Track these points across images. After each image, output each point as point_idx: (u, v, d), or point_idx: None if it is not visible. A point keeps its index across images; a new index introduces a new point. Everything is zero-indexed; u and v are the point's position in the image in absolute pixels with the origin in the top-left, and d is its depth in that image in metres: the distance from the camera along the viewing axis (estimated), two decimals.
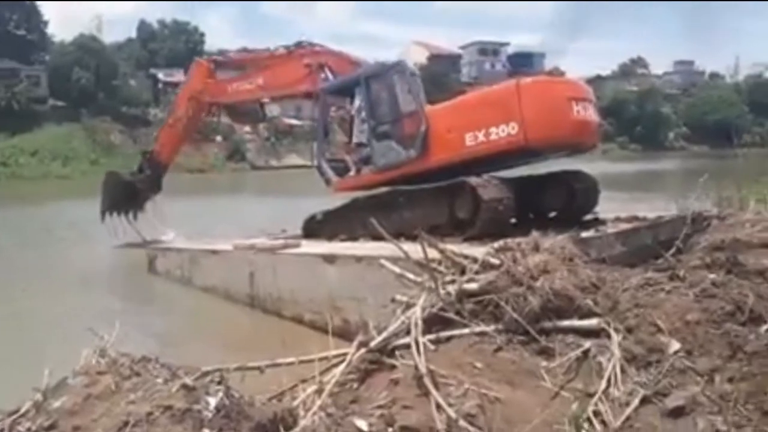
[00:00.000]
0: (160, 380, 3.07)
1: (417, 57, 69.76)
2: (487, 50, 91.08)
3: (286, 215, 13.56)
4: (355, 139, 9.93)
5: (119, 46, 74.78)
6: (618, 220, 8.44)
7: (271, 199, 28.99)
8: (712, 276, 4.38)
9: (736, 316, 3.73)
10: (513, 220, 8.16)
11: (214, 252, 10.05)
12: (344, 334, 5.19)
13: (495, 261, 4.47)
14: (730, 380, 3.33)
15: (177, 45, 74.34)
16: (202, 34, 79.54)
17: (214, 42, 79.10)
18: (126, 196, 13.98)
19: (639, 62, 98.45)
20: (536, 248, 4.29)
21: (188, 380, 3.08)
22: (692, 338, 3.65)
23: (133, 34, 78.12)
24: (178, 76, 71.74)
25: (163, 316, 9.17)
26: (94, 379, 3.26)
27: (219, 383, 3.24)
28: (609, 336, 3.83)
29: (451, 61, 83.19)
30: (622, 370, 3.57)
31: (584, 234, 7.01)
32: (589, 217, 8.77)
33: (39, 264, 13.15)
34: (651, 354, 3.63)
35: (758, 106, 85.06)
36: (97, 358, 3.50)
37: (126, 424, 2.70)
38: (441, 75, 64.38)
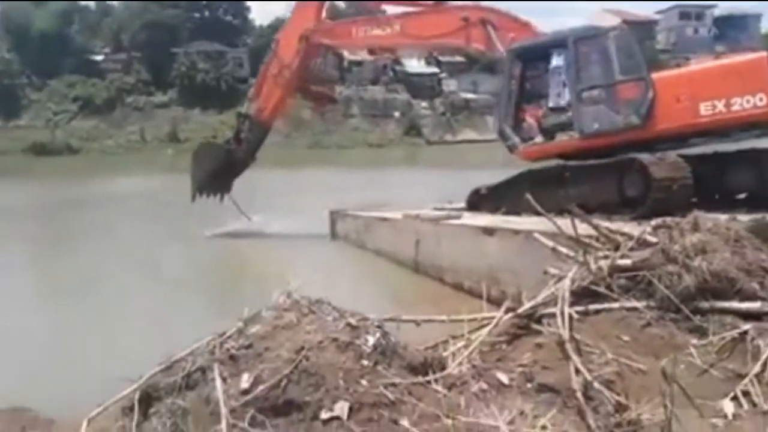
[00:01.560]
0: (330, 318, 3.67)
1: (607, 25, 65.18)
2: (690, 14, 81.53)
3: (457, 187, 13.77)
4: (551, 104, 9.33)
5: None
6: None
7: (443, 172, 29.78)
8: None
9: None
10: (694, 200, 7.66)
11: (385, 219, 10.83)
12: (501, 304, 5.44)
13: (652, 239, 4.42)
14: None
15: None
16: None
17: None
18: (223, 169, 12.23)
19: None
20: (695, 228, 4.16)
21: (353, 320, 3.65)
22: None
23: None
24: (362, 54, 75.92)
25: (338, 271, 10.18)
26: (281, 314, 3.98)
27: (378, 327, 3.77)
28: None
29: (647, 27, 76.08)
30: None
31: None
32: None
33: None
34: None
35: None
36: (284, 299, 4.25)
37: (302, 348, 3.32)
38: None
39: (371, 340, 3.51)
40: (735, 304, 3.83)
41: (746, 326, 3.68)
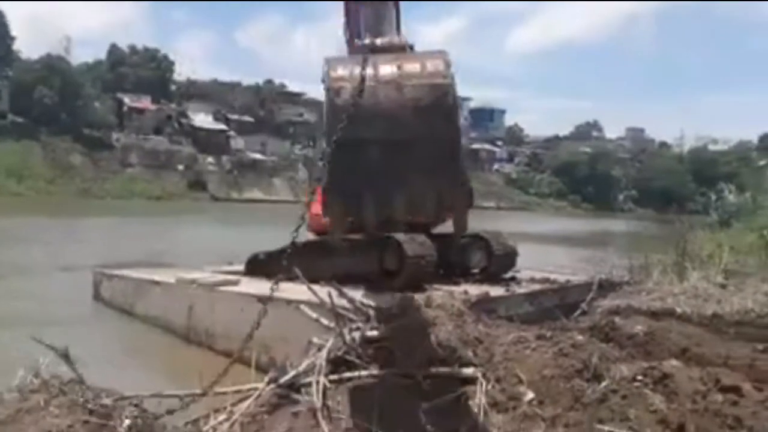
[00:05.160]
0: (82, 399, 3.59)
1: None
2: None
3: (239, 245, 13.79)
4: None
5: (88, 67, 74.55)
6: (532, 280, 9.28)
7: (228, 229, 29.44)
8: (579, 338, 5.19)
9: (583, 373, 4.47)
10: (441, 272, 8.92)
11: (157, 283, 10.43)
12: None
13: (396, 312, 5.16)
14: (566, 426, 4.05)
15: (145, 72, 74.68)
16: (172, 62, 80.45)
17: (183, 71, 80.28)
18: None
19: (594, 126, 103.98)
20: (429, 304, 4.99)
21: (108, 401, 3.62)
22: (545, 390, 4.37)
23: (103, 56, 77.96)
24: (144, 102, 72.16)
25: (101, 342, 9.46)
26: (26, 396, 3.76)
27: (135, 406, 3.79)
28: (482, 384, 4.52)
29: None
30: (485, 414, 4.25)
31: (494, 292, 7.77)
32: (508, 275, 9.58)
33: None
34: (510, 401, 4.32)
35: (700, 176, 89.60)
36: (31, 378, 4.00)
37: None
38: None
39: (126, 421, 3.53)
40: (455, 370, 4.65)
41: (462, 389, 4.48)
